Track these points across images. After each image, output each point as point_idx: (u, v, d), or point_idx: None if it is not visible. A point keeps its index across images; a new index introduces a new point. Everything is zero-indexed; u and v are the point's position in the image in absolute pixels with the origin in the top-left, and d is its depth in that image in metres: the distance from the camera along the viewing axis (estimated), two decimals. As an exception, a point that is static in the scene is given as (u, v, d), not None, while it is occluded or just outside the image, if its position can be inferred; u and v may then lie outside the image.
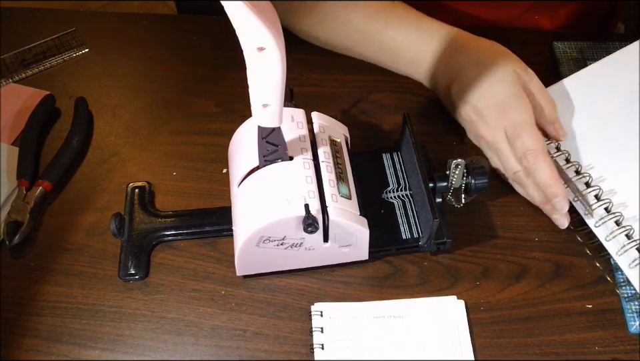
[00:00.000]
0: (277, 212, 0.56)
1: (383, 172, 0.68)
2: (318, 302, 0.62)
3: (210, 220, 0.66)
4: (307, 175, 0.58)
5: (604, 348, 0.59)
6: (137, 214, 0.66)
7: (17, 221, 0.65)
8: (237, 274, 0.62)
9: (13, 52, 0.82)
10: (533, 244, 0.66)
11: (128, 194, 0.68)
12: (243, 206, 0.59)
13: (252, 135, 0.60)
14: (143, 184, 0.69)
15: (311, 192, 0.57)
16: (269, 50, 0.48)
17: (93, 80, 0.80)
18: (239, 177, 0.61)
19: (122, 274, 0.63)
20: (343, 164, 0.62)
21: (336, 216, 0.57)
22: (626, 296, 0.61)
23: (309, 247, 0.59)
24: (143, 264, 0.63)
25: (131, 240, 0.64)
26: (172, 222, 0.66)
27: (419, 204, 0.64)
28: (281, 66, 0.49)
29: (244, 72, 0.50)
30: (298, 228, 0.57)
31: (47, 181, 0.68)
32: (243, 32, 0.47)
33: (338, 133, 0.65)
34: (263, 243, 0.58)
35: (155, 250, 0.65)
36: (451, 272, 0.64)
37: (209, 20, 0.86)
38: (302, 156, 0.59)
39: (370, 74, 0.78)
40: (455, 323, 0.60)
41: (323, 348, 0.59)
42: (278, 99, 0.53)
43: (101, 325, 0.61)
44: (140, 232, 0.65)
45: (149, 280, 0.63)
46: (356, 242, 0.60)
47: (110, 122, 0.76)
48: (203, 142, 0.74)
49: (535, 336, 0.60)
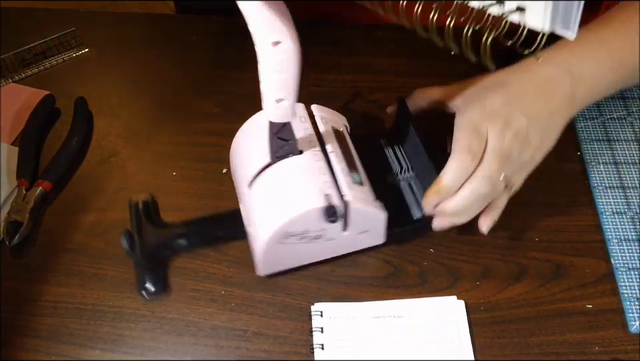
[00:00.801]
0: (297, 206, 0.56)
1: (383, 157, 0.70)
2: (318, 302, 0.62)
3: (221, 225, 0.65)
4: (319, 167, 0.59)
5: (604, 348, 0.59)
6: (146, 229, 0.64)
7: (17, 221, 0.65)
8: (260, 274, 0.62)
9: (13, 52, 0.82)
10: (533, 244, 0.66)
11: (132, 209, 0.66)
12: (259, 205, 0.59)
13: (257, 133, 0.60)
14: (146, 198, 0.67)
15: (326, 183, 0.58)
16: (285, 43, 0.48)
17: (92, 80, 0.80)
18: (249, 176, 0.60)
19: (141, 290, 0.61)
20: (349, 152, 0.63)
21: (355, 203, 0.57)
22: (626, 296, 0.61)
23: (329, 238, 0.60)
24: (161, 278, 0.62)
25: (145, 255, 0.63)
26: (183, 232, 0.65)
27: (427, 183, 0.64)
28: (297, 59, 0.49)
29: (244, 72, 0.50)
30: (319, 220, 0.57)
31: (47, 181, 0.68)
32: (257, 27, 0.47)
33: (339, 123, 0.66)
34: (285, 240, 0.58)
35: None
36: (451, 272, 0.64)
37: (208, 20, 0.86)
38: (311, 149, 0.60)
39: (370, 74, 0.78)
40: (455, 323, 0.60)
41: (323, 348, 0.59)
42: (292, 93, 0.53)
43: (101, 325, 0.61)
44: (153, 246, 0.63)
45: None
46: (373, 226, 0.61)
47: (110, 122, 0.76)
48: (202, 142, 0.74)
49: (535, 336, 0.60)
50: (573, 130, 0.74)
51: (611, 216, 0.67)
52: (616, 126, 0.74)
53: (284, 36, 0.47)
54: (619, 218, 0.66)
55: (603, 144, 0.73)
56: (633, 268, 0.63)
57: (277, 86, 0.52)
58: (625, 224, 0.66)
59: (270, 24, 0.46)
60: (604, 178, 0.70)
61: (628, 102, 0.76)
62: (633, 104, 0.76)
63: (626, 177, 0.70)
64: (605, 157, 0.71)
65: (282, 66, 0.50)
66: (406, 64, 0.81)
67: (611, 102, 0.76)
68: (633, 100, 0.76)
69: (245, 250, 0.64)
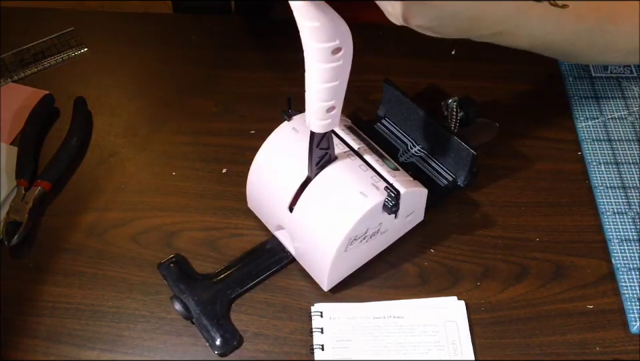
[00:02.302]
0: (359, 207, 0.56)
1: (385, 141, 0.72)
2: (318, 302, 0.61)
3: (264, 257, 0.64)
4: (359, 164, 0.59)
5: (605, 349, 0.59)
6: (194, 288, 0.61)
7: (16, 221, 0.65)
8: (326, 289, 0.61)
9: (12, 52, 0.82)
10: (534, 244, 0.65)
11: (165, 272, 0.63)
12: (314, 221, 0.58)
13: (283, 152, 0.60)
14: (175, 258, 0.64)
15: (374, 178, 0.58)
16: (345, 50, 0.47)
17: (92, 80, 0.80)
18: (287, 199, 0.59)
19: (218, 350, 0.58)
20: (371, 144, 0.63)
21: (403, 189, 0.58)
22: (627, 296, 0.61)
23: (384, 230, 0.60)
24: (230, 330, 0.59)
25: (204, 313, 0.60)
26: (231, 277, 0.62)
27: (440, 152, 0.68)
28: (350, 62, 0.49)
29: (243, 72, 0.49)
30: (376, 216, 0.58)
31: (46, 181, 0.68)
32: (320, 37, 0.45)
33: (346, 121, 0.66)
34: (350, 245, 0.58)
35: (155, 250, 0.65)
36: (452, 272, 0.64)
37: (208, 20, 0.86)
38: (341, 151, 0.60)
39: (370, 74, 0.77)
40: (456, 323, 0.60)
41: (322, 348, 0.59)
42: (342, 98, 0.52)
43: (100, 325, 0.60)
44: (207, 301, 0.60)
45: (148, 280, 0.63)
46: (417, 206, 0.63)
47: (109, 122, 0.76)
48: (202, 142, 0.74)
49: (536, 336, 0.60)
50: (573, 130, 0.74)
51: (612, 216, 0.67)
52: (617, 126, 0.74)
53: (344, 41, 0.46)
54: (619, 218, 0.66)
55: (603, 144, 0.72)
56: (633, 268, 0.63)
57: (330, 95, 0.50)
58: (626, 224, 0.66)
59: (334, 31, 0.44)
60: (605, 178, 0.70)
61: (629, 101, 0.76)
62: (633, 104, 0.76)
63: (627, 177, 0.69)
64: (605, 157, 0.71)
65: (338, 74, 0.48)
66: (406, 64, 0.81)
67: (611, 102, 0.76)
68: (633, 99, 0.76)
69: (243, 249, 0.64)
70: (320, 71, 0.48)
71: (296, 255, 0.63)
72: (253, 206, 0.66)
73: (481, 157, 0.66)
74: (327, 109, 0.52)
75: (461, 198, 0.69)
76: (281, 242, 0.64)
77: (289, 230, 0.61)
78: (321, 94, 0.50)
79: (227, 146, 0.73)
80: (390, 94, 0.71)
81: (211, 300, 0.61)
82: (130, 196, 0.69)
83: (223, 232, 0.66)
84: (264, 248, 0.64)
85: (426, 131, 0.70)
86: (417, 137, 0.71)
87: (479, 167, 0.68)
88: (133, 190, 0.70)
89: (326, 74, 0.48)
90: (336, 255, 0.57)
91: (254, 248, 0.65)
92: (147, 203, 0.69)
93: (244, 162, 0.64)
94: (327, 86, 0.49)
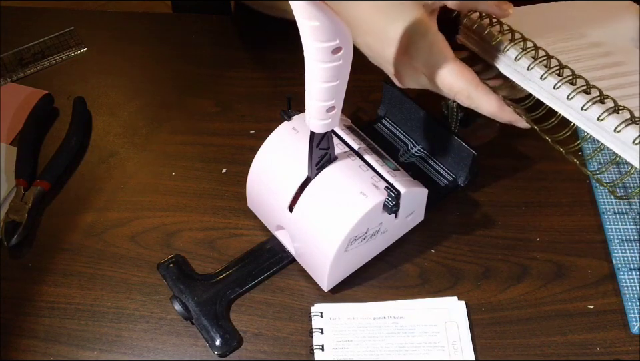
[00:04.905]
0: (360, 207, 0.56)
1: (385, 141, 0.72)
2: (318, 302, 0.61)
3: (264, 258, 0.63)
4: (359, 164, 0.59)
5: (605, 349, 0.59)
6: (193, 288, 0.61)
7: (15, 221, 0.65)
8: (326, 289, 0.61)
9: (11, 52, 0.82)
10: (534, 245, 0.65)
11: (164, 272, 0.63)
12: (314, 221, 0.58)
13: (283, 152, 0.60)
14: (174, 258, 0.64)
15: (374, 178, 0.58)
16: (345, 50, 0.47)
17: (91, 80, 0.80)
18: (287, 199, 0.59)
19: (218, 350, 0.58)
20: (371, 144, 0.63)
21: (404, 189, 0.58)
22: (628, 296, 0.61)
23: (384, 230, 0.60)
24: (230, 330, 0.59)
25: (204, 313, 0.60)
26: (231, 277, 0.62)
27: (440, 152, 0.68)
28: (350, 61, 0.49)
29: (243, 72, 0.49)
30: (376, 216, 0.57)
31: (45, 181, 0.68)
32: (320, 36, 0.45)
33: (345, 120, 0.66)
34: (350, 245, 0.58)
35: (154, 250, 0.65)
36: (452, 272, 0.64)
37: (208, 19, 0.86)
38: (341, 151, 0.60)
39: (370, 74, 0.77)
40: (456, 324, 0.60)
41: (322, 349, 0.58)
42: (342, 98, 0.52)
43: (99, 326, 0.60)
44: (206, 301, 0.60)
45: (147, 280, 0.63)
46: (418, 205, 0.63)
47: (108, 122, 0.76)
48: (202, 142, 0.74)
49: (537, 336, 0.60)
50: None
51: (613, 217, 0.66)
52: (617, 126, 0.74)
53: (344, 41, 0.46)
54: (620, 219, 0.66)
55: (604, 144, 0.72)
56: (634, 269, 0.63)
57: (330, 95, 0.50)
58: (627, 224, 0.66)
59: (334, 30, 0.45)
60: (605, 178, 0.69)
61: (629, 102, 0.76)
62: (634, 104, 0.76)
63: (627, 177, 0.69)
64: (606, 157, 0.71)
65: (338, 73, 0.49)
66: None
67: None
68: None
69: (243, 250, 0.64)
70: (320, 71, 0.48)
71: (296, 255, 0.63)
72: (252, 206, 0.66)
73: (481, 157, 0.66)
74: (327, 109, 0.52)
75: (461, 198, 0.68)
76: (280, 242, 0.64)
77: (288, 230, 0.61)
78: (321, 94, 0.50)
79: (226, 146, 0.73)
80: (390, 94, 0.71)
81: (210, 301, 0.61)
82: (129, 196, 0.69)
83: (223, 232, 0.66)
84: (264, 248, 0.64)
85: (426, 131, 0.70)
86: (417, 137, 0.71)
87: (479, 167, 0.68)
88: (133, 190, 0.70)
89: (326, 74, 0.48)
90: (336, 255, 0.57)
91: (254, 248, 0.64)
92: (146, 203, 0.69)
93: (244, 162, 0.64)
94: (327, 86, 0.49)
